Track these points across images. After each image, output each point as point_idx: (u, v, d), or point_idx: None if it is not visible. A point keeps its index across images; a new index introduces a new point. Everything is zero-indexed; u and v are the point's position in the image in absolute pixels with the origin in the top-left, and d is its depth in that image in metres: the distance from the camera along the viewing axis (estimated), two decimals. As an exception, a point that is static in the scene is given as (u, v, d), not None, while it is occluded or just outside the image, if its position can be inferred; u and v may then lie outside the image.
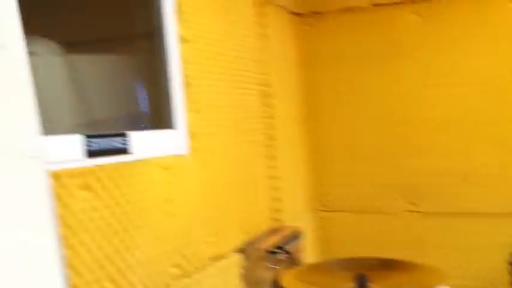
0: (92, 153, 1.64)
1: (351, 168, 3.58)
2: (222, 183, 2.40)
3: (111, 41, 2.23)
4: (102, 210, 1.66)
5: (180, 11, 2.19)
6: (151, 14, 2.14)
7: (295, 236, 2.96)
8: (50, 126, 2.06)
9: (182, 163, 2.11)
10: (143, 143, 1.92)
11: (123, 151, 1.79)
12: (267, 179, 2.96)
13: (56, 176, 1.51)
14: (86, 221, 1.60)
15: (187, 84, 2.20)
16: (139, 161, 1.87)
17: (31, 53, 2.10)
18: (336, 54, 3.54)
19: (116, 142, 1.75)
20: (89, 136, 1.64)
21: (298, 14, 3.55)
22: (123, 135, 1.80)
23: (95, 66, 2.19)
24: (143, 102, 2.27)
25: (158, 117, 2.16)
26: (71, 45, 2.17)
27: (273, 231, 2.90)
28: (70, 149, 1.59)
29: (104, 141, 1.70)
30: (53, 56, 2.12)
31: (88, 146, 1.63)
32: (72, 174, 1.57)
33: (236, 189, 2.54)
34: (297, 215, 3.30)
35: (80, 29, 2.18)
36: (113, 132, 1.78)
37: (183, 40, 2.19)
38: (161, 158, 2.00)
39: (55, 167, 1.52)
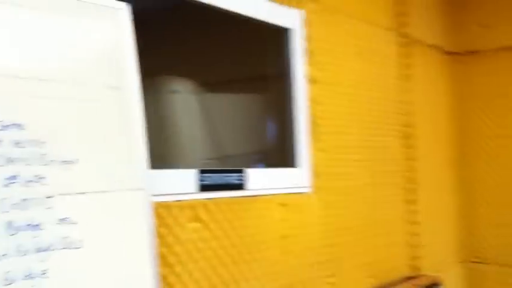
0: (204, 187, 1.74)
1: (508, 218, 3.31)
2: (347, 224, 2.37)
3: (242, 81, 2.35)
4: (211, 241, 1.74)
5: (310, 53, 2.24)
6: (282, 56, 2.22)
7: (433, 286, 2.80)
8: (182, 158, 2.22)
9: (303, 201, 2.14)
10: (262, 180, 1.98)
11: (238, 187, 1.86)
12: (405, 223, 2.85)
13: (167, 207, 1.62)
14: (194, 251, 1.68)
15: (314, 124, 2.23)
16: (256, 197, 1.93)
17: (172, 91, 2.31)
18: (493, 95, 3.34)
19: (231, 178, 1.83)
20: (203, 171, 1.73)
21: (451, 53, 3.42)
22: (240, 171, 1.88)
23: (227, 105, 2.32)
24: (269, 140, 2.35)
25: (283, 155, 2.22)
26: (208, 84, 2.32)
27: (408, 278, 2.77)
28: (184, 182, 1.70)
29: (219, 176, 1.79)
30: (191, 94, 2.29)
31: (201, 180, 1.73)
32: (184, 206, 1.67)
33: (364, 232, 2.49)
34: (439, 264, 3.12)
35: (216, 70, 2.32)
36: (230, 168, 1.86)
37: (312, 81, 2.24)
38: (280, 196, 2.04)
39: (168, 199, 1.63)
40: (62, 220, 1.25)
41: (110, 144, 1.36)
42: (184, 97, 2.26)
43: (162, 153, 2.19)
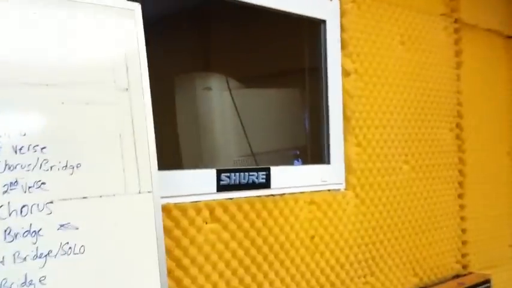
0: (224, 187, 1.70)
1: None
2: (387, 221, 2.27)
3: (276, 76, 2.29)
4: (231, 242, 1.70)
5: (346, 44, 2.15)
6: (317, 49, 2.14)
7: (482, 284, 2.66)
8: (216, 156, 2.19)
9: (335, 199, 2.06)
10: (288, 178, 1.92)
11: (262, 186, 1.81)
12: (453, 219, 2.71)
13: (183, 209, 1.59)
14: (212, 253, 1.65)
15: (348, 118, 2.14)
16: (281, 196, 1.88)
17: (206, 88, 2.28)
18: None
19: (253, 177, 1.78)
20: (222, 171, 1.69)
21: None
22: (264, 169, 1.83)
23: (260, 100, 2.26)
24: (304, 136, 2.27)
25: (317, 151, 2.14)
26: (242, 80, 2.27)
27: (456, 277, 2.65)
28: (202, 183, 1.67)
29: (241, 175, 1.74)
30: (224, 90, 2.24)
31: (221, 180, 1.69)
32: (201, 207, 1.64)
33: (407, 229, 2.38)
34: (489, 262, 2.95)
35: (249, 65, 2.27)
36: (254, 166, 1.82)
37: (347, 73, 2.14)
38: (309, 193, 1.97)
39: (184, 200, 1.60)
40: (63, 226, 1.24)
41: (116, 147, 1.34)
42: (217, 93, 2.23)
43: (194, 152, 2.17)
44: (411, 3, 2.46)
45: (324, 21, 2.09)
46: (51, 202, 1.23)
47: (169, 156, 2.08)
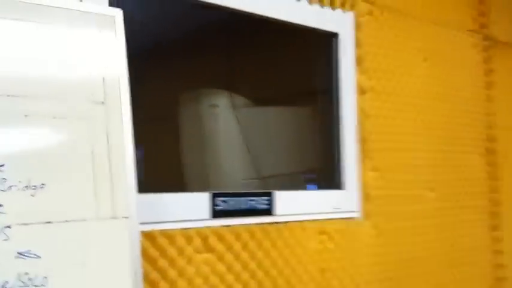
0: (219, 213, 1.53)
1: None
2: (409, 254, 2.07)
3: (286, 94, 2.14)
4: (227, 275, 1.53)
5: (361, 59, 1.99)
6: (329, 65, 1.98)
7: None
8: (220, 178, 2.03)
9: (349, 228, 1.87)
10: (295, 204, 1.75)
11: (263, 212, 1.64)
12: (486, 253, 2.47)
13: (170, 236, 1.43)
14: (205, 286, 1.48)
15: (364, 139, 1.96)
16: (286, 223, 1.70)
17: (212, 105, 2.14)
18: None
19: (253, 202, 1.61)
20: (217, 194, 1.53)
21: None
22: (266, 194, 1.66)
23: (269, 120, 2.11)
24: (316, 159, 2.10)
25: (327, 175, 1.97)
26: (250, 98, 2.13)
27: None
28: (194, 208, 1.51)
29: (239, 200, 1.58)
30: (230, 108, 2.10)
31: (215, 205, 1.53)
32: (192, 234, 1.47)
33: (432, 264, 2.17)
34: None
35: (258, 82, 2.13)
36: (254, 191, 1.65)
37: (363, 91, 1.98)
38: (319, 222, 1.79)
39: (172, 227, 1.44)
40: (22, 254, 1.10)
41: (87, 166, 1.19)
42: (223, 111, 2.08)
43: (197, 172, 2.02)
44: (435, 16, 2.29)
45: (335, 35, 1.93)
46: (9, 227, 1.08)
47: (171, 178, 1.94)
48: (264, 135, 2.09)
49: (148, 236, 1.37)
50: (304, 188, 2.02)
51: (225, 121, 2.09)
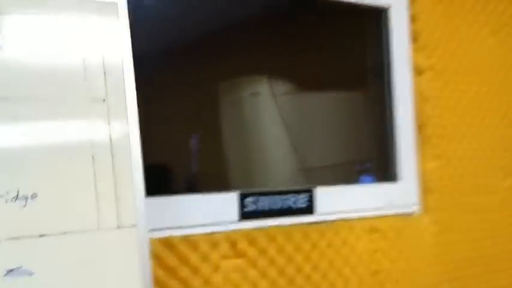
0: (249, 215, 1.38)
1: None
2: (475, 252, 1.85)
3: (333, 77, 1.94)
4: (260, 282, 1.38)
5: (417, 36, 1.77)
6: (381, 43, 1.78)
7: None
8: (265, 170, 1.89)
9: (407, 225, 1.68)
10: (342, 200, 1.57)
11: (302, 211, 1.48)
12: None
13: (193, 242, 1.30)
14: (235, 295, 1.35)
15: (423, 125, 1.75)
16: (330, 222, 1.53)
17: (253, 94, 1.99)
18: None
19: (290, 200, 1.45)
20: (245, 195, 1.38)
21: None
22: (306, 191, 1.49)
23: (315, 106, 1.93)
24: (368, 148, 1.90)
25: (379, 166, 1.77)
26: (293, 84, 1.96)
27: None
28: (220, 209, 1.37)
29: (273, 199, 1.42)
30: (273, 96, 1.95)
31: (244, 206, 1.38)
32: (217, 239, 1.34)
33: (503, 262, 1.93)
34: None
35: (302, 66, 1.95)
36: (291, 188, 1.49)
37: (420, 71, 1.76)
38: (371, 219, 1.61)
39: (193, 232, 1.31)
40: (12, 271, 1.00)
41: (87, 172, 1.08)
42: (266, 99, 1.93)
43: (240, 166, 1.88)
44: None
45: (386, 8, 1.72)
46: (-3, 241, 0.99)
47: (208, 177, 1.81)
48: (311, 123, 1.92)
49: (166, 243, 1.25)
50: (357, 180, 1.84)
51: (267, 110, 1.93)
